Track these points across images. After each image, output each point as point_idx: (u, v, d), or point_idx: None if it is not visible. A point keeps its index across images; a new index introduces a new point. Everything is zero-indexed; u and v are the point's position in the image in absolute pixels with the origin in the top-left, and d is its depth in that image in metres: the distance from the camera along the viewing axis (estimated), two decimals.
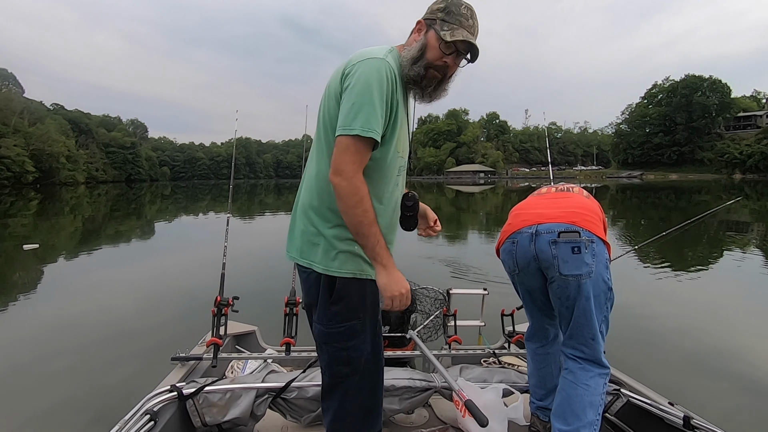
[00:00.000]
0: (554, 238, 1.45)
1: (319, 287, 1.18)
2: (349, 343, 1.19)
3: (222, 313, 2.11)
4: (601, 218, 1.56)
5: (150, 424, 1.47)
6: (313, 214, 1.18)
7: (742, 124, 69.36)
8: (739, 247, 8.25)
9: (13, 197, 28.93)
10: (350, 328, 1.18)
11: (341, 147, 1.06)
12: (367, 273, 1.18)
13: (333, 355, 1.21)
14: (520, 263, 1.56)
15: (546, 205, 1.59)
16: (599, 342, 1.49)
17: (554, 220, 1.49)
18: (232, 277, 2.32)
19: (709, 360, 3.36)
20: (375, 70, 1.08)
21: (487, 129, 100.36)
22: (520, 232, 1.53)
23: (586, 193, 1.68)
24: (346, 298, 1.17)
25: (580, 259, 1.43)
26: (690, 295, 5.28)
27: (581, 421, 1.43)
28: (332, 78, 1.17)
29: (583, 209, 1.53)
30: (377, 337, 1.26)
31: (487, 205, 22.08)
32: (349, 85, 1.08)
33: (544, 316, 1.70)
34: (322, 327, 1.20)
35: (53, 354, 3.45)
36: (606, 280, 1.48)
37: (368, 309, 1.21)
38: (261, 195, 32.41)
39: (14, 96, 61.74)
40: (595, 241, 1.46)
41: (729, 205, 3.27)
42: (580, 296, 1.45)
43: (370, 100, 1.06)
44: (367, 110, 1.05)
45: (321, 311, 1.19)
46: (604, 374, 1.50)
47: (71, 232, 12.09)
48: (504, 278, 1.75)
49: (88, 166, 70.27)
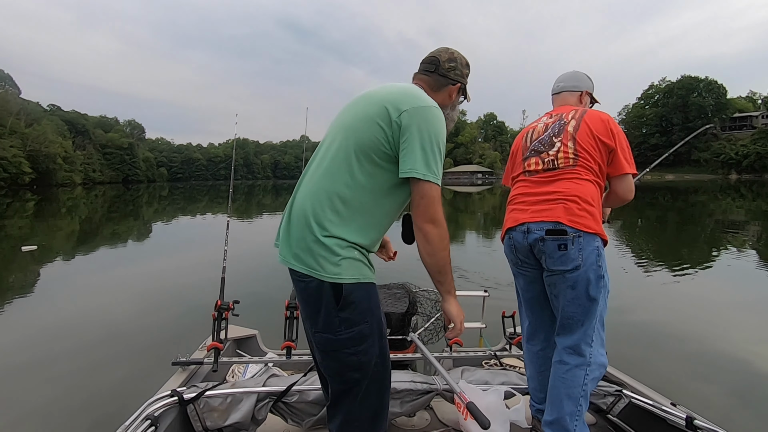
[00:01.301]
0: (542, 235, 1.53)
1: (321, 295, 1.16)
2: (359, 348, 1.19)
3: (222, 317, 2.10)
4: (590, 202, 1.53)
5: (151, 429, 1.47)
6: (316, 225, 1.16)
7: (738, 125, 69.73)
8: (738, 247, 8.29)
9: (10, 198, 28.77)
10: (359, 332, 1.18)
11: (431, 196, 1.17)
12: (368, 276, 1.20)
13: (343, 361, 1.20)
14: (520, 255, 1.65)
15: (535, 199, 1.61)
16: (586, 329, 1.52)
17: (542, 218, 1.55)
18: (232, 280, 2.32)
19: (712, 360, 3.36)
20: (440, 121, 1.21)
21: (484, 130, 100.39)
22: (515, 229, 1.63)
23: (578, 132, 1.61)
24: (353, 303, 1.16)
25: (566, 255, 1.49)
26: (691, 294, 5.29)
27: (559, 413, 1.52)
28: (371, 102, 1.23)
29: (570, 199, 1.53)
30: (383, 338, 1.26)
31: (484, 206, 22.10)
32: (415, 126, 1.16)
33: (544, 312, 1.70)
34: (330, 335, 1.18)
35: (52, 358, 3.43)
36: (596, 269, 1.50)
37: (374, 312, 1.21)
38: (259, 196, 32.35)
39: (11, 97, 61.37)
40: (582, 235, 1.49)
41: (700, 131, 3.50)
42: (567, 287, 1.52)
43: (441, 150, 1.19)
44: (440, 159, 1.19)
45: (327, 319, 1.17)
46: (583, 365, 1.52)
47: (68, 233, 12.03)
48: (504, 280, 1.76)
49: (85, 167, 69.89)
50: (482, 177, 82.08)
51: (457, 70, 1.38)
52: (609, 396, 1.80)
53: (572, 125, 1.64)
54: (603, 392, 1.81)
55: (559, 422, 1.51)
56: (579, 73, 1.87)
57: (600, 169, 1.60)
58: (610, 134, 1.59)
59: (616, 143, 1.59)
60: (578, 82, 1.85)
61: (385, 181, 1.20)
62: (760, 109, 71.24)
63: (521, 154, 1.76)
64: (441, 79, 1.36)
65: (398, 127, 1.17)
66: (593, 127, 1.61)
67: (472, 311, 2.48)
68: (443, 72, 1.36)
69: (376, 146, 1.18)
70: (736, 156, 60.34)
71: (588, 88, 1.85)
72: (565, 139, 1.62)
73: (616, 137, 1.59)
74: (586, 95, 1.84)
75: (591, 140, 1.59)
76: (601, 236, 1.52)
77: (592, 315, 1.52)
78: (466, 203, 24.16)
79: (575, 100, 1.83)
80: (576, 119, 1.65)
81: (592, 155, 1.58)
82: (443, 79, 1.36)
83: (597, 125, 1.61)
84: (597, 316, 1.53)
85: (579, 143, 1.59)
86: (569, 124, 1.64)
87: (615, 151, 1.59)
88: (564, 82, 1.86)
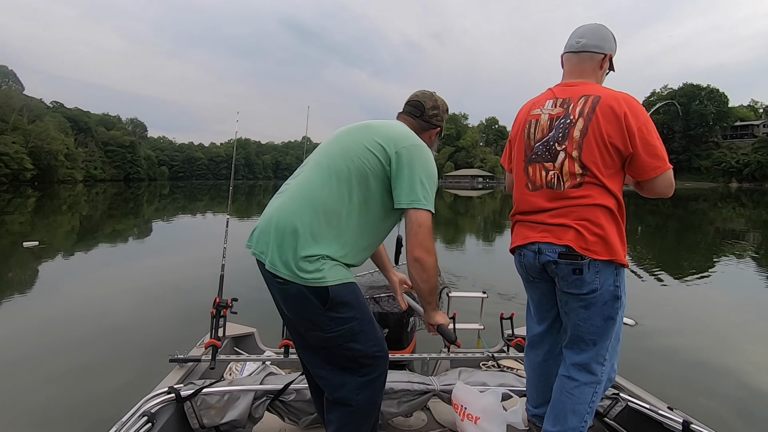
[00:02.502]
0: (555, 258, 1.38)
1: (305, 298, 1.21)
2: (353, 344, 1.26)
3: (221, 315, 2.10)
4: (601, 224, 1.35)
5: (147, 425, 1.46)
6: (304, 234, 1.21)
7: (739, 133, 69.82)
8: (737, 255, 8.28)
9: (11, 194, 28.79)
10: (350, 330, 1.25)
11: (428, 225, 1.26)
12: (350, 277, 1.27)
13: (339, 355, 1.28)
14: (531, 273, 1.52)
15: (542, 217, 1.42)
16: (599, 349, 1.44)
17: (552, 240, 1.38)
18: (230, 278, 2.32)
19: (708, 365, 3.36)
20: (432, 160, 1.36)
21: (486, 134, 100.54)
22: (525, 247, 1.48)
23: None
24: (340, 303, 1.23)
25: (581, 279, 1.36)
26: (690, 300, 5.29)
27: (563, 427, 1.45)
28: (369, 133, 1.34)
29: (579, 224, 1.35)
30: (376, 330, 1.32)
31: (485, 210, 22.12)
32: (416, 162, 1.28)
33: (555, 324, 1.61)
34: (321, 333, 1.26)
35: (49, 354, 3.42)
36: (613, 289, 1.38)
37: (362, 307, 1.29)
38: (259, 196, 32.35)
39: (14, 93, 61.51)
40: (598, 260, 1.34)
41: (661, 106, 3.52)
42: (580, 308, 1.42)
43: (435, 184, 1.32)
44: (434, 194, 1.30)
45: (315, 319, 1.24)
46: (593, 383, 1.44)
47: (69, 230, 12.04)
48: (503, 282, 1.76)
49: (86, 164, 70.00)
50: (483, 181, 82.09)
51: (438, 116, 1.53)
52: (606, 399, 1.79)
53: (579, 127, 1.36)
54: None
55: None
56: (604, 29, 1.50)
57: (615, 178, 1.37)
58: (625, 135, 1.32)
59: (635, 145, 1.33)
60: (603, 42, 1.48)
61: (377, 209, 1.30)
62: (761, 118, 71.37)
63: (522, 148, 1.53)
64: (425, 124, 1.51)
65: (396, 162, 1.28)
66: (605, 127, 1.33)
67: (471, 312, 2.48)
68: (427, 118, 1.51)
69: (374, 174, 1.28)
70: (736, 164, 60.42)
71: (611, 50, 1.50)
72: (570, 148, 1.36)
73: (636, 136, 1.32)
74: (607, 60, 1.50)
75: (601, 149, 1.33)
76: (616, 261, 1.35)
77: (606, 335, 1.43)
78: (467, 207, 24.18)
79: (594, 66, 1.48)
80: (585, 117, 1.36)
81: (602, 169, 1.34)
82: (426, 124, 1.51)
83: (610, 125, 1.33)
84: (612, 336, 1.44)
85: (586, 153, 1.34)
86: (576, 125, 1.36)
87: (634, 156, 1.35)
88: (586, 38, 1.48)
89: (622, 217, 1.40)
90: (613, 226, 1.36)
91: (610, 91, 1.39)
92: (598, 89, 1.41)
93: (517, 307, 2.01)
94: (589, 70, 1.49)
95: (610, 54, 1.49)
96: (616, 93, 1.37)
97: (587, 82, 1.46)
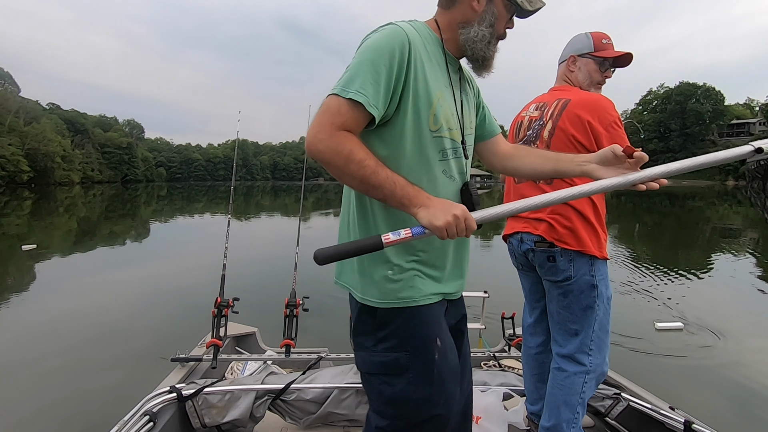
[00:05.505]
0: (532, 246, 1.53)
1: (359, 310, 1.03)
2: (395, 379, 0.97)
3: (222, 314, 2.11)
4: (570, 218, 1.45)
5: (149, 425, 1.46)
6: (348, 235, 1.04)
7: (735, 131, 70.12)
8: (737, 253, 8.31)
9: (8, 197, 28.67)
10: (395, 360, 0.97)
11: (319, 110, 0.88)
12: (413, 299, 0.98)
13: (376, 388, 1.00)
14: (519, 261, 1.68)
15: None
16: (582, 338, 1.50)
17: (530, 229, 1.54)
18: (232, 278, 2.32)
19: (710, 365, 3.37)
20: (376, 35, 0.92)
21: None
22: (512, 236, 1.64)
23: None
24: (389, 326, 0.98)
25: (555, 267, 1.49)
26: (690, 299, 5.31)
27: (557, 419, 1.50)
28: None
29: (551, 217, 1.47)
30: (434, 385, 0.97)
31: None
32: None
33: (546, 314, 1.68)
34: (364, 353, 1.02)
35: (51, 354, 3.41)
36: (589, 278, 1.46)
37: (418, 342, 0.97)
38: (258, 197, 32.32)
39: (10, 95, 61.39)
40: (570, 249, 1.45)
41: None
42: (559, 295, 1.52)
43: (370, 63, 0.88)
44: (356, 73, 0.88)
45: (364, 335, 1.02)
46: (582, 373, 1.49)
47: (66, 232, 11.99)
48: (504, 281, 1.77)
49: (83, 166, 69.77)
50: (481, 181, 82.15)
51: None
52: (607, 399, 1.80)
53: (549, 128, 1.51)
54: (601, 395, 1.81)
55: (555, 429, 1.50)
56: (575, 36, 1.62)
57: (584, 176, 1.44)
58: (590, 136, 1.42)
59: (602, 146, 1.37)
60: (568, 47, 1.63)
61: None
62: (757, 116, 71.65)
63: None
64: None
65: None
66: (570, 128, 1.45)
67: (472, 312, 2.48)
68: None
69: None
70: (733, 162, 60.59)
71: (574, 51, 1.59)
72: (540, 147, 1.51)
73: (602, 137, 1.40)
74: (572, 62, 1.59)
75: (569, 148, 1.43)
76: (586, 252, 1.45)
77: (587, 324, 1.48)
78: None
79: (564, 70, 1.64)
80: (554, 118, 1.50)
81: None
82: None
83: (574, 125, 1.44)
84: (594, 325, 1.49)
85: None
86: (546, 127, 1.52)
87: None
88: (563, 51, 1.66)
89: (597, 212, 1.50)
90: (582, 221, 1.47)
91: (583, 94, 1.53)
92: (572, 93, 1.54)
93: (518, 307, 2.01)
94: (561, 75, 1.67)
95: (572, 54, 1.62)
96: (586, 96, 1.50)
97: (565, 87, 1.62)
